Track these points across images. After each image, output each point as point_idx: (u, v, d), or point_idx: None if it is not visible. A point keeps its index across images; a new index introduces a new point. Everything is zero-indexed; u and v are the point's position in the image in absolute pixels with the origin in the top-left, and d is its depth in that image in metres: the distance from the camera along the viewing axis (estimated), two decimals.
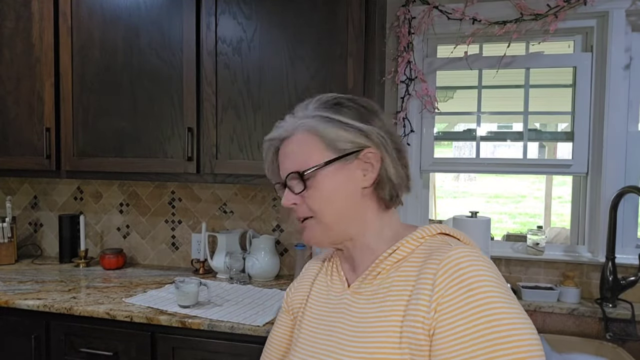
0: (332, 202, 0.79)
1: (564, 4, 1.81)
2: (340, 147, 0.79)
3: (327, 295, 0.87)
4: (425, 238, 0.79)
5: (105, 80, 1.95)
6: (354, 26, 1.69)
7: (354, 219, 0.81)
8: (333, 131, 0.79)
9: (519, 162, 2.01)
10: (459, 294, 0.65)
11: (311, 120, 0.80)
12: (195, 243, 2.24)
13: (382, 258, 0.79)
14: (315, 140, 0.79)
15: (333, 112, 0.80)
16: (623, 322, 1.71)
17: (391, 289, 0.75)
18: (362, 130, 0.79)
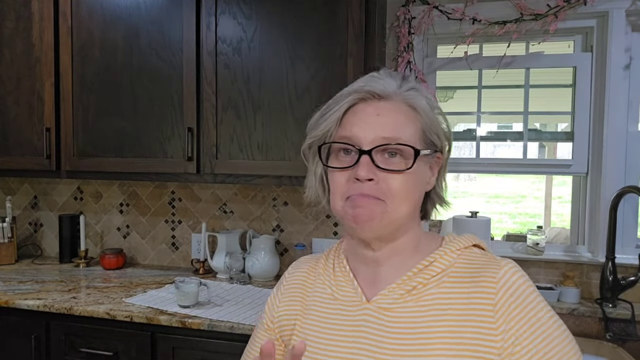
0: (412, 194, 0.70)
1: (564, 4, 1.81)
2: (432, 139, 0.72)
3: (335, 309, 0.74)
4: (461, 250, 0.72)
5: (105, 80, 1.95)
6: (354, 26, 1.69)
7: (411, 220, 0.73)
8: (436, 121, 0.72)
9: (519, 162, 2.01)
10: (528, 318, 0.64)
11: (419, 95, 0.71)
12: (195, 243, 2.25)
13: (413, 274, 0.70)
14: (417, 121, 0.70)
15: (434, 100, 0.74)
16: (623, 322, 1.71)
17: (434, 306, 0.67)
18: (449, 129, 0.74)
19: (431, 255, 0.71)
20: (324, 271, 0.80)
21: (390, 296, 0.70)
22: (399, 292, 0.70)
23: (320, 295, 0.77)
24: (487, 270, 0.68)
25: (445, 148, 0.74)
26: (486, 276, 0.67)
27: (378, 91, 0.70)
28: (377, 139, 0.68)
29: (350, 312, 0.72)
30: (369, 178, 0.67)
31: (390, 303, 0.69)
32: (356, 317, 0.71)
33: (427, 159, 0.72)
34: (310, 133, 0.75)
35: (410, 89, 0.72)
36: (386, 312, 0.69)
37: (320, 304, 0.76)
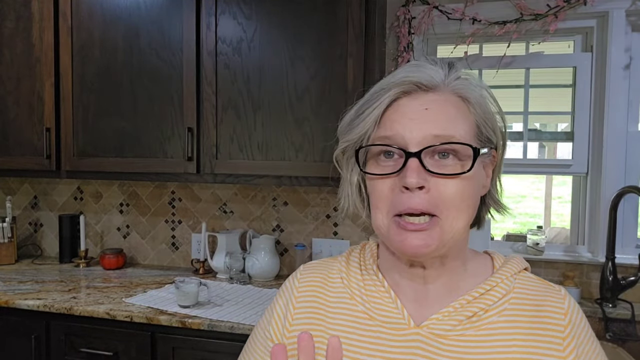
0: (470, 200, 0.60)
1: (564, 4, 1.81)
2: (488, 135, 0.61)
3: (373, 331, 0.63)
4: (515, 275, 0.66)
5: (105, 80, 1.95)
6: (354, 26, 1.69)
7: (467, 233, 0.64)
8: (491, 113, 0.62)
9: (519, 162, 2.01)
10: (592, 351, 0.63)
11: (476, 87, 0.61)
12: (195, 243, 2.25)
13: (473, 298, 0.62)
14: (471, 115, 0.60)
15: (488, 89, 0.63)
16: (623, 322, 1.71)
17: (498, 336, 0.61)
18: (505, 125, 0.64)
19: (491, 280, 0.64)
20: (349, 284, 0.68)
21: (445, 321, 0.61)
22: (456, 318, 0.61)
23: (351, 312, 0.65)
24: (551, 299, 0.63)
25: (501, 144, 0.64)
26: (552, 306, 0.63)
27: (425, 82, 0.59)
28: (427, 138, 0.57)
29: (394, 336, 0.62)
30: (420, 186, 0.56)
31: (447, 330, 0.61)
32: (404, 342, 0.61)
33: (483, 159, 0.62)
34: (344, 136, 0.64)
35: (459, 77, 0.61)
36: (441, 340, 0.60)
37: (352, 323, 0.64)
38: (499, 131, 0.63)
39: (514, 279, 0.65)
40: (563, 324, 0.61)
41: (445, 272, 0.64)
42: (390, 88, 0.60)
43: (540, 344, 0.60)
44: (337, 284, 0.68)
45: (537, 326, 0.61)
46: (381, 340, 0.62)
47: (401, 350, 0.61)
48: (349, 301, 0.66)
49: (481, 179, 0.62)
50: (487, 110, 0.62)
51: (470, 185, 0.59)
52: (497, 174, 0.66)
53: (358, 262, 0.70)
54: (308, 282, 0.70)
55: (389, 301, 0.64)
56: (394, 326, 0.62)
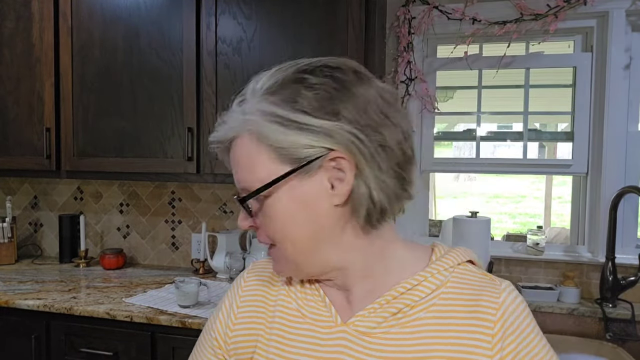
0: (293, 229, 0.59)
1: (564, 4, 1.81)
2: (295, 155, 0.56)
3: (305, 329, 0.64)
4: (453, 268, 0.63)
5: (105, 80, 1.95)
6: (354, 26, 1.69)
7: (331, 247, 0.60)
8: (283, 135, 0.56)
9: (519, 162, 2.01)
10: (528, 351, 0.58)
11: (256, 118, 0.58)
12: (195, 243, 2.25)
13: (398, 294, 0.60)
14: (263, 148, 0.57)
15: (285, 104, 0.56)
16: (623, 322, 1.71)
17: (424, 333, 0.58)
18: (322, 129, 0.55)
19: (420, 274, 0.61)
20: (288, 281, 0.68)
21: (370, 318, 0.60)
22: (382, 315, 0.60)
23: (285, 310, 0.66)
24: (486, 294, 0.59)
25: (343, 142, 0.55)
26: (486, 300, 0.59)
27: (222, 137, 0.62)
28: (237, 184, 0.62)
29: (323, 334, 0.62)
30: (249, 226, 0.62)
31: (372, 327, 0.60)
32: (331, 340, 0.61)
33: (306, 175, 0.57)
34: None
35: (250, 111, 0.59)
36: (365, 337, 0.60)
37: (285, 321, 0.65)
38: (319, 140, 0.55)
39: (449, 273, 0.62)
40: (493, 319, 0.58)
41: (359, 279, 0.63)
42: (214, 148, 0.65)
43: (468, 341, 0.57)
44: (279, 283, 0.70)
45: (468, 322, 0.58)
46: (311, 339, 0.63)
47: (328, 348, 0.61)
48: (286, 299, 0.67)
49: (310, 199, 0.57)
50: (281, 135, 0.56)
51: (283, 217, 0.58)
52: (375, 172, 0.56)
53: None
54: (254, 280, 0.72)
55: (318, 299, 0.65)
56: (323, 324, 0.63)
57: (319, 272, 0.62)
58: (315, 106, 0.55)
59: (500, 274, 1.95)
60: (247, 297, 0.70)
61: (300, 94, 0.56)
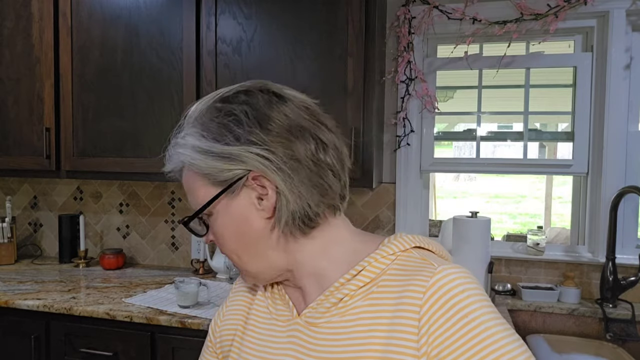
0: (235, 242, 0.65)
1: (564, 4, 1.81)
2: (220, 179, 0.62)
3: (270, 324, 0.69)
4: (396, 254, 0.62)
5: (105, 80, 1.95)
6: (354, 26, 1.69)
7: (273, 253, 0.64)
8: (205, 163, 0.62)
9: (519, 162, 2.00)
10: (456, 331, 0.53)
11: (185, 150, 0.65)
12: (195, 243, 2.24)
13: (340, 284, 0.62)
14: (197, 176, 0.64)
15: (203, 134, 0.63)
16: (623, 322, 1.70)
17: (360, 322, 0.59)
18: (232, 154, 0.60)
19: (360, 264, 0.62)
20: (264, 285, 0.73)
21: (317, 309, 0.63)
22: (325, 305, 0.63)
23: (259, 310, 0.72)
24: (418, 278, 0.57)
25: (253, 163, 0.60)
26: (415, 285, 0.56)
27: (170, 169, 0.69)
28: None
29: (282, 326, 0.67)
30: (210, 240, 0.68)
31: (317, 317, 0.63)
32: (287, 332, 0.66)
33: (233, 196, 0.62)
34: None
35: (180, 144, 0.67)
36: (312, 327, 0.63)
37: (258, 317, 0.71)
38: (232, 164, 0.60)
39: (391, 260, 0.61)
40: (418, 304, 0.55)
41: (307, 277, 0.66)
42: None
43: (399, 327, 0.56)
44: (259, 287, 0.75)
45: (399, 308, 0.56)
46: (273, 332, 0.68)
47: (285, 339, 0.65)
48: (261, 299, 0.73)
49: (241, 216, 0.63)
50: (202, 161, 0.62)
51: (225, 233, 0.65)
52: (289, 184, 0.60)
53: None
54: (240, 289, 0.78)
55: (282, 297, 0.70)
56: (284, 318, 0.68)
57: (272, 276, 0.67)
58: (223, 134, 0.61)
59: (501, 274, 1.95)
60: (235, 296, 0.78)
61: (213, 123, 0.62)
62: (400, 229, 2.03)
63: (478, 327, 0.53)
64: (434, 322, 0.54)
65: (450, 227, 1.89)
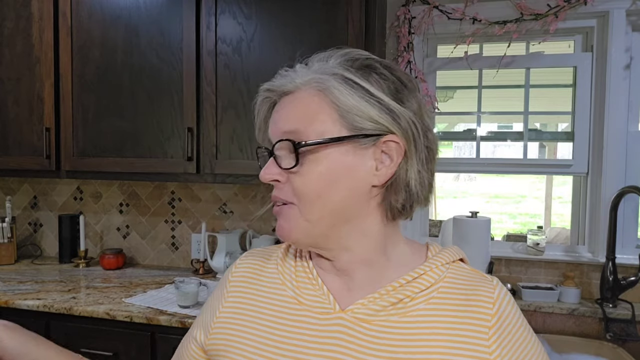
0: (326, 192, 0.60)
1: (564, 4, 1.81)
2: (357, 123, 0.59)
3: (301, 315, 0.64)
4: (450, 264, 0.66)
5: (105, 80, 1.95)
6: (354, 26, 1.69)
7: (350, 224, 0.62)
8: (354, 100, 0.58)
9: (519, 162, 2.01)
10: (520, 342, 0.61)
11: (329, 78, 0.60)
12: (195, 243, 2.24)
13: (399, 285, 0.63)
14: (327, 105, 0.59)
15: (360, 75, 0.60)
16: (623, 322, 1.70)
17: (423, 324, 0.60)
18: (392, 109, 0.59)
19: (420, 268, 0.64)
20: (282, 270, 0.70)
21: (369, 306, 0.62)
22: (380, 304, 0.62)
23: (280, 298, 0.67)
24: (481, 289, 0.63)
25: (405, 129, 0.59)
26: (481, 295, 0.62)
27: (279, 86, 0.63)
28: (277, 137, 0.62)
29: (319, 319, 0.63)
30: (273, 179, 0.62)
31: (370, 314, 0.61)
32: (328, 326, 0.62)
33: (357, 147, 0.60)
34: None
35: (321, 72, 0.61)
36: (364, 324, 0.61)
37: (281, 308, 0.66)
38: (384, 118, 0.59)
39: (446, 269, 0.65)
40: (490, 313, 0.61)
41: (361, 264, 0.65)
42: (261, 96, 0.66)
43: (465, 332, 0.60)
44: (272, 271, 0.71)
45: (465, 315, 0.61)
46: (307, 325, 0.63)
47: (325, 334, 0.62)
48: (280, 287, 0.68)
49: (353, 170, 0.60)
50: (352, 98, 0.59)
51: (323, 178, 0.60)
52: (418, 164, 0.61)
53: (295, 250, 0.72)
54: (243, 269, 0.73)
55: (316, 287, 0.66)
56: (321, 311, 0.64)
57: (323, 243, 0.64)
58: (388, 87, 0.60)
59: (501, 274, 1.95)
60: (237, 285, 0.72)
61: (372, 76, 0.60)
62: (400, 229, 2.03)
63: (529, 334, 0.63)
64: (504, 329, 0.60)
65: (450, 227, 1.89)
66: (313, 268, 0.67)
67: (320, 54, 0.65)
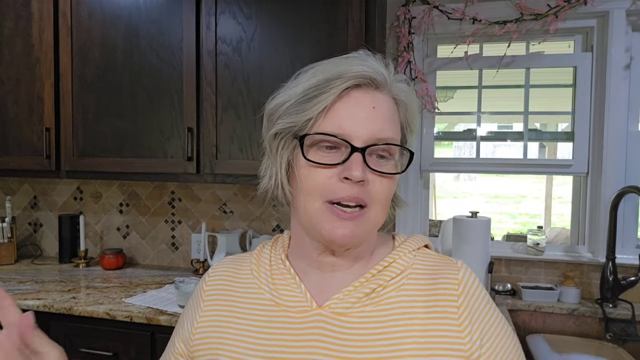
0: (389, 201, 0.65)
1: (564, 4, 1.81)
2: (407, 137, 0.67)
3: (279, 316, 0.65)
4: (416, 251, 0.69)
5: (105, 80, 1.95)
6: (354, 26, 1.69)
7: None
8: (414, 117, 0.67)
9: (519, 162, 2.00)
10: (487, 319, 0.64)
11: (407, 91, 0.65)
12: (195, 243, 2.24)
13: (371, 275, 0.65)
14: (398, 118, 0.65)
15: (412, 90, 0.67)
16: (623, 322, 1.70)
17: (396, 310, 0.62)
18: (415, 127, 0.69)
19: (389, 257, 0.67)
20: (258, 274, 0.70)
21: (345, 300, 0.63)
22: (355, 296, 0.63)
23: (257, 302, 0.67)
24: (446, 272, 0.66)
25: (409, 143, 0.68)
26: (446, 277, 0.65)
27: (378, 78, 0.62)
28: (372, 138, 0.60)
29: (298, 319, 0.64)
30: (361, 179, 0.59)
31: (347, 307, 0.63)
32: (307, 324, 0.63)
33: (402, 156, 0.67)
34: (283, 118, 0.65)
35: (399, 80, 0.65)
36: (342, 317, 0.63)
37: (258, 311, 0.66)
38: (413, 133, 0.68)
39: (413, 256, 0.68)
40: (456, 294, 0.63)
41: (354, 261, 0.67)
42: (346, 78, 0.61)
43: (437, 315, 0.62)
44: (246, 276, 0.71)
45: (434, 298, 0.63)
46: (286, 324, 0.64)
47: (304, 331, 0.63)
48: (257, 290, 0.68)
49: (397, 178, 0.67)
50: (411, 114, 0.65)
51: (395, 184, 0.65)
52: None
53: (269, 253, 0.73)
54: (217, 277, 0.73)
55: (294, 287, 0.66)
56: (298, 309, 0.64)
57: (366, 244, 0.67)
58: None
59: (501, 274, 1.95)
60: (212, 294, 0.71)
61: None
62: (401, 229, 2.03)
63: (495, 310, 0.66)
64: (471, 307, 0.63)
65: (450, 227, 1.89)
66: (290, 267, 0.69)
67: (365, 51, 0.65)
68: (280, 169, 0.68)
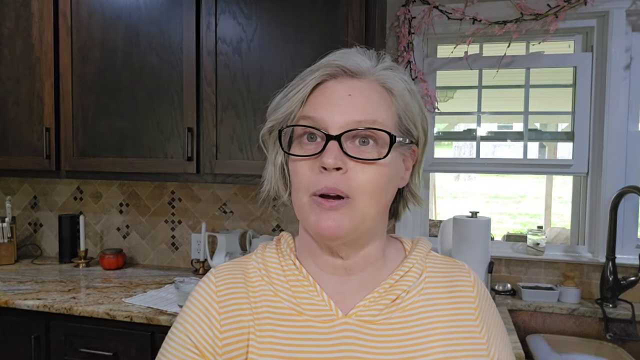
0: (384, 191, 0.61)
1: (564, 4, 1.81)
2: (409, 128, 0.63)
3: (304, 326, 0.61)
4: (427, 255, 0.70)
5: (105, 80, 1.95)
6: (354, 26, 1.69)
7: (381, 221, 0.65)
8: (412, 106, 0.63)
9: (519, 162, 2.00)
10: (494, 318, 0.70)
11: (398, 80, 0.63)
12: (195, 243, 2.24)
13: (394, 281, 0.65)
14: (393, 105, 0.62)
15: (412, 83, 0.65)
16: (623, 322, 1.71)
17: (421, 315, 0.63)
18: (426, 118, 0.66)
19: (407, 262, 0.67)
20: (270, 280, 0.65)
21: (372, 307, 0.62)
22: (382, 303, 0.63)
23: (276, 310, 0.62)
24: (459, 275, 0.69)
25: (422, 140, 0.66)
26: (461, 280, 0.69)
27: (351, 67, 0.62)
28: (349, 123, 0.58)
29: (324, 328, 0.61)
30: (337, 167, 0.57)
31: (374, 315, 0.62)
32: (335, 333, 0.60)
33: (402, 151, 0.64)
34: (271, 116, 0.66)
35: (386, 68, 0.63)
36: (370, 325, 0.61)
37: (280, 321, 0.62)
38: (420, 127, 0.65)
39: (425, 260, 0.70)
40: (472, 295, 0.67)
41: (367, 263, 0.65)
42: (317, 69, 0.64)
43: (458, 317, 0.65)
44: (257, 282, 0.65)
45: (454, 301, 0.66)
46: (312, 335, 0.61)
47: (332, 341, 0.60)
48: (273, 298, 0.63)
49: (399, 170, 0.64)
50: (408, 103, 0.63)
51: (385, 173, 0.60)
52: (418, 169, 0.69)
53: (277, 256, 0.68)
54: (228, 285, 0.65)
55: (313, 294, 0.63)
56: (323, 319, 0.62)
57: (358, 241, 0.63)
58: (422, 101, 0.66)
59: (501, 274, 1.95)
60: (227, 303, 0.64)
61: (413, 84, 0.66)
62: (401, 229, 2.03)
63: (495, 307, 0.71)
64: (482, 308, 0.67)
65: (450, 227, 1.89)
66: (308, 275, 0.65)
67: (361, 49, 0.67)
68: (275, 168, 0.69)
